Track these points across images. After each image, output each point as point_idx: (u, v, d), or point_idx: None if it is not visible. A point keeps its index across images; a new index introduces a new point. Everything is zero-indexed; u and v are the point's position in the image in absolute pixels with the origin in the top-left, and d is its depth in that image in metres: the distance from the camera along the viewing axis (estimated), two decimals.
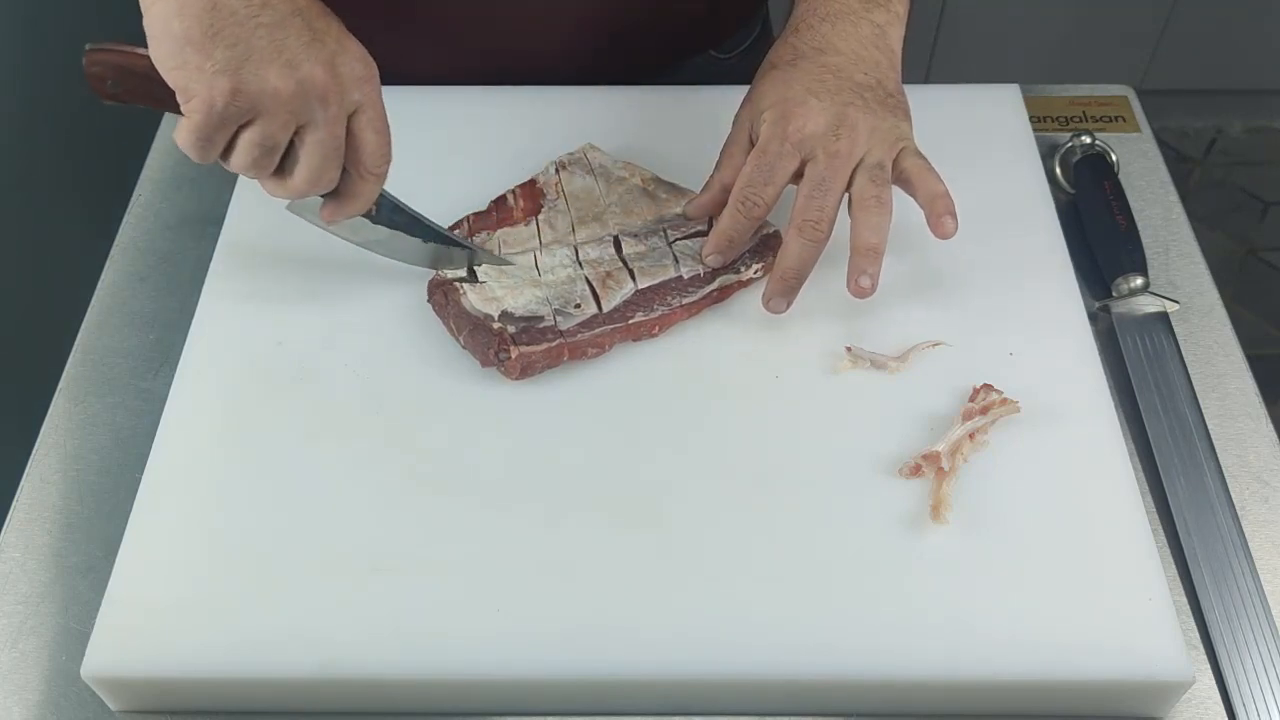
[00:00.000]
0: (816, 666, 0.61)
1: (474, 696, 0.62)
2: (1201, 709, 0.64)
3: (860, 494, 0.67)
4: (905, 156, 0.71)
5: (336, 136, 0.64)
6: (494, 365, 0.71)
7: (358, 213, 0.70)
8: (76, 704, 0.64)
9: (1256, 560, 0.68)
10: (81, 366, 0.79)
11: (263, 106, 0.61)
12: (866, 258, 0.70)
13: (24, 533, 0.71)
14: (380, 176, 0.68)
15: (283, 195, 0.67)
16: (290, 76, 0.61)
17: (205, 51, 0.60)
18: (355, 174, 0.67)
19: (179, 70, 0.61)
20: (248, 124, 0.63)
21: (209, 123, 0.62)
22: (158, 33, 0.61)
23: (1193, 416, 0.74)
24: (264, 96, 0.61)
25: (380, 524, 0.66)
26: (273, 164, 0.65)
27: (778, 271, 0.71)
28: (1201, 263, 0.85)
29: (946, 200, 0.71)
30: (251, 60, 0.60)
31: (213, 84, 0.60)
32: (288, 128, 0.63)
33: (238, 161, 0.64)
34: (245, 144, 0.63)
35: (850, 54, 0.72)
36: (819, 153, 0.69)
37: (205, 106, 0.61)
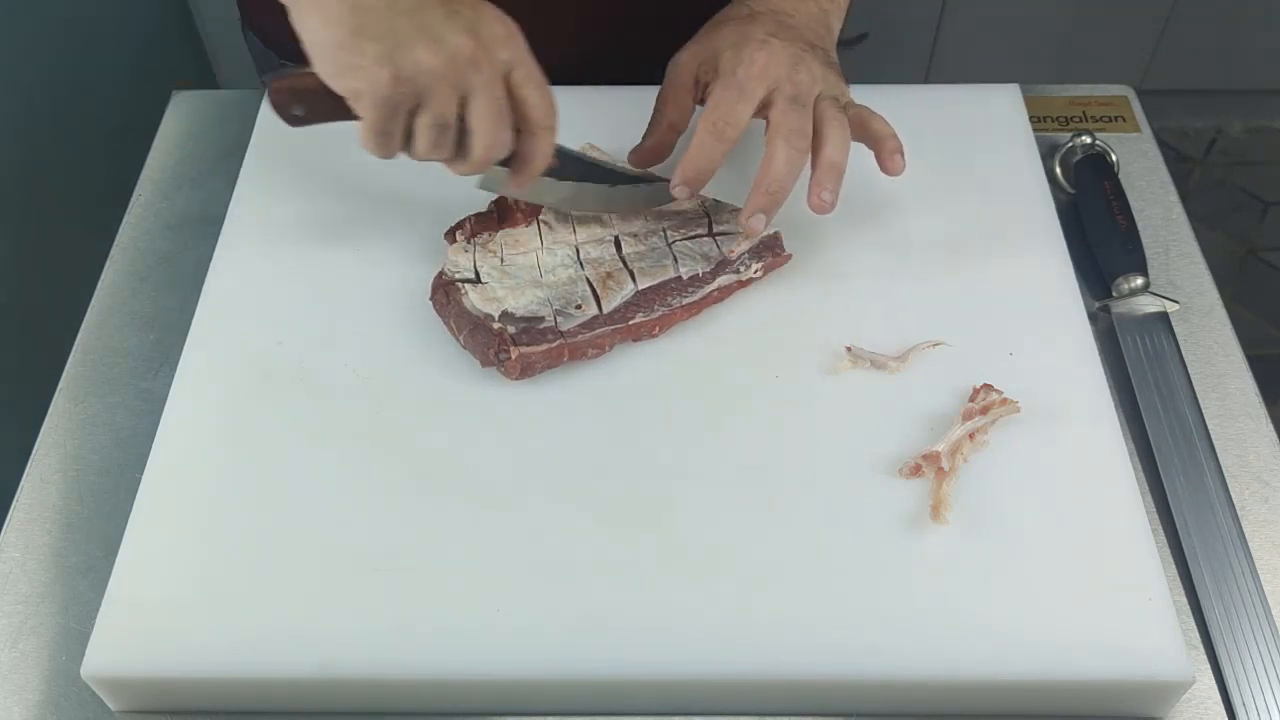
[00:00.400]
0: (816, 666, 0.61)
1: (474, 696, 0.62)
2: (1201, 709, 0.64)
3: (860, 494, 0.67)
4: (851, 105, 0.75)
5: (498, 98, 0.66)
6: (494, 365, 0.71)
7: (540, 171, 0.71)
8: (76, 704, 0.64)
9: (1256, 560, 0.68)
10: (81, 366, 0.79)
11: (423, 85, 0.64)
12: (830, 173, 0.71)
13: (24, 533, 0.71)
14: (551, 129, 0.69)
15: (469, 171, 0.70)
16: (439, 51, 0.64)
17: (358, 49, 0.63)
18: (526, 132, 0.69)
19: (341, 76, 0.65)
20: (418, 110, 0.66)
21: (381, 115, 0.65)
22: (315, 47, 0.65)
23: (1193, 416, 0.74)
24: (421, 76, 0.64)
25: (380, 524, 0.66)
26: (450, 142, 0.67)
27: (763, 183, 0.72)
28: (1201, 263, 0.85)
29: (896, 140, 0.74)
30: (401, 46, 0.63)
31: (373, 77, 0.64)
32: (452, 101, 0.65)
33: (420, 147, 0.67)
34: (421, 128, 0.66)
35: (802, 21, 0.78)
36: (784, 82, 0.72)
37: (373, 101, 0.64)
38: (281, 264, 0.78)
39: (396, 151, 0.68)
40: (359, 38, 0.63)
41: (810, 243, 0.79)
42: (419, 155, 0.68)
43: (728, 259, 0.75)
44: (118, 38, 1.54)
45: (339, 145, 0.85)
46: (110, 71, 1.50)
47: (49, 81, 1.35)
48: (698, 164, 0.73)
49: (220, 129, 0.93)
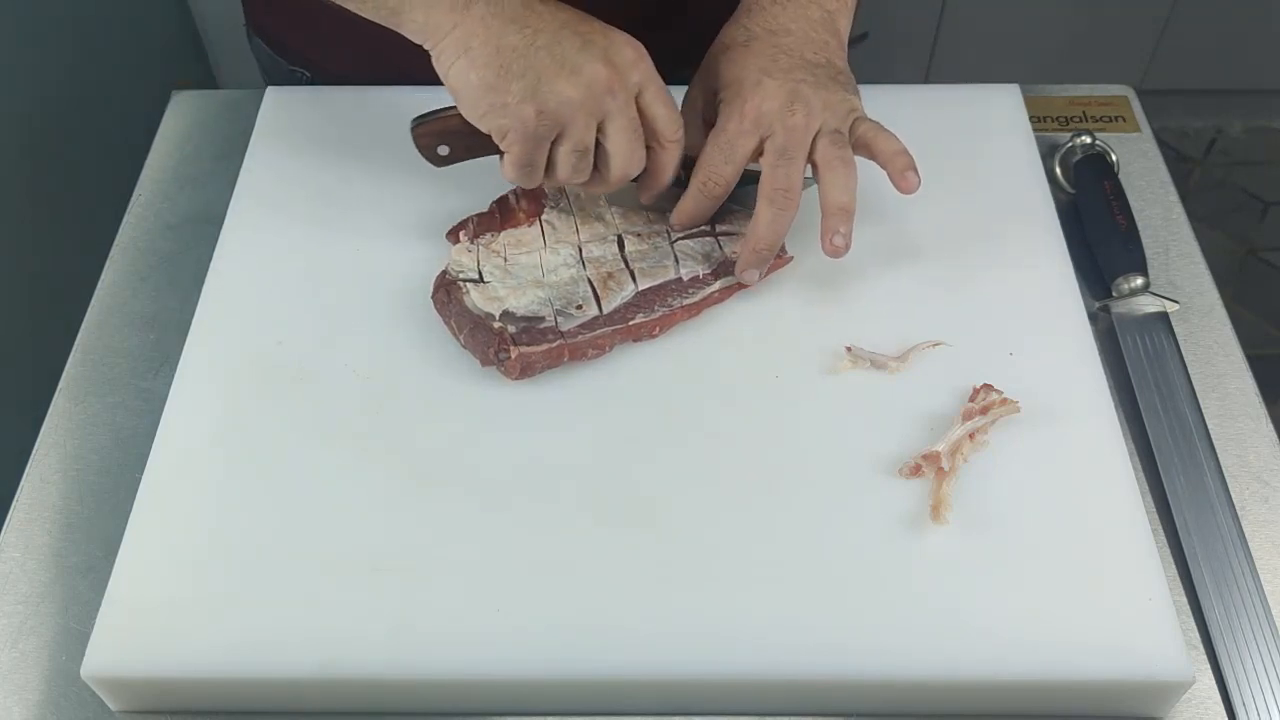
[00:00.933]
0: (816, 666, 0.61)
1: (474, 696, 0.62)
2: (1201, 709, 0.64)
3: (860, 494, 0.67)
4: (860, 123, 0.74)
5: (632, 119, 0.69)
6: (494, 365, 0.71)
7: (668, 183, 0.74)
8: (76, 704, 0.64)
9: (1256, 560, 0.68)
10: (81, 366, 0.79)
11: (565, 116, 0.68)
12: (838, 217, 0.72)
13: (24, 533, 0.71)
14: (679, 143, 0.72)
15: (603, 190, 0.74)
16: (579, 82, 0.67)
17: (503, 89, 0.67)
18: (656, 146, 0.72)
19: (489, 115, 0.68)
20: (559, 138, 0.69)
21: (526, 149, 0.69)
22: (461, 89, 0.68)
23: (1193, 416, 0.74)
24: (563, 108, 0.67)
25: (380, 524, 0.66)
26: (589, 166, 0.71)
27: (750, 242, 0.73)
28: (1201, 263, 0.85)
29: (906, 156, 0.73)
30: (543, 81, 0.67)
31: (520, 114, 0.67)
32: (590, 128, 0.69)
33: (561, 174, 0.71)
34: (563, 155, 0.70)
35: (801, 35, 0.76)
36: (777, 128, 0.72)
37: (520, 137, 0.68)
38: (281, 264, 0.78)
39: (540, 180, 0.71)
40: (504, 78, 0.66)
41: (810, 243, 0.78)
42: (560, 181, 0.72)
43: (729, 259, 0.75)
44: (118, 38, 1.54)
45: (340, 145, 0.85)
46: (110, 72, 1.50)
47: (49, 82, 1.35)
48: (689, 215, 0.76)
49: (220, 129, 0.93)
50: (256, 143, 0.86)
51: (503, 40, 0.66)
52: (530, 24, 0.67)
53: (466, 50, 0.67)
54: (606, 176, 0.71)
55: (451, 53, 0.67)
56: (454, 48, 0.67)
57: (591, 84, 0.67)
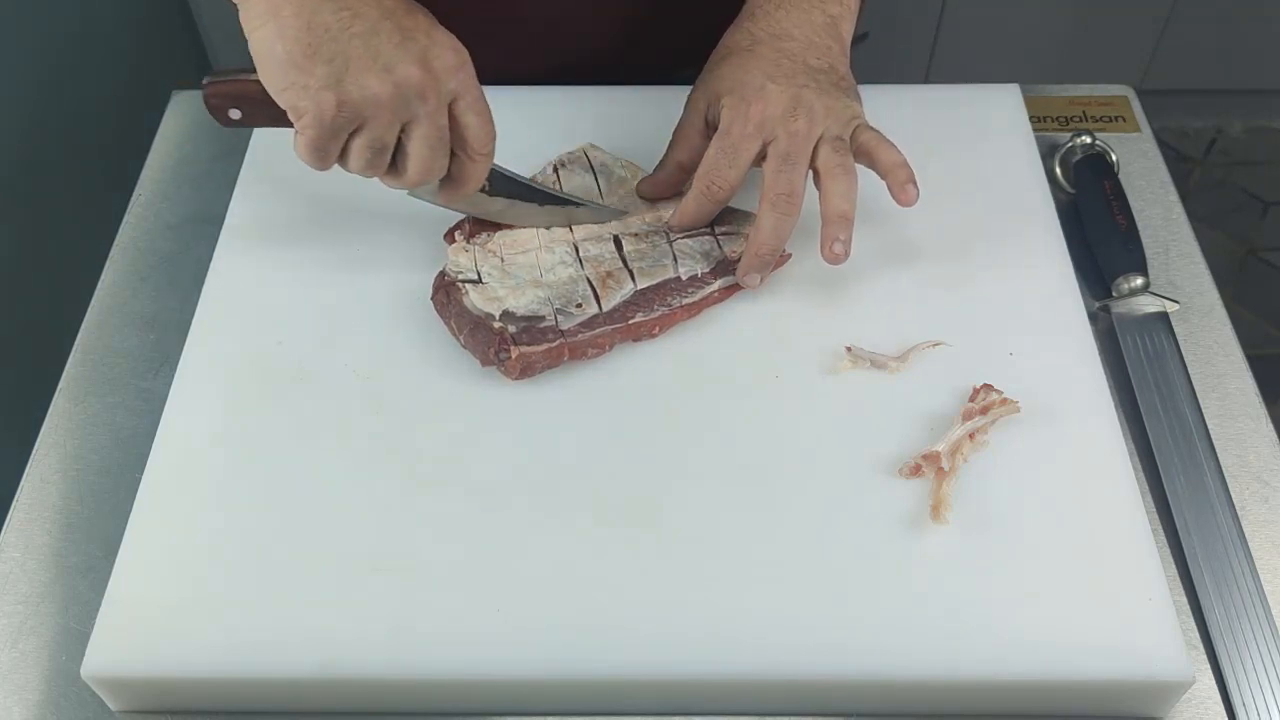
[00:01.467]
0: (816, 666, 0.61)
1: (474, 696, 0.62)
2: (1201, 709, 0.64)
3: (860, 494, 0.67)
4: (861, 131, 0.74)
5: (440, 127, 0.67)
6: (494, 365, 0.71)
7: (472, 192, 0.73)
8: (76, 704, 0.64)
9: (1256, 560, 0.68)
10: (81, 366, 0.79)
11: (367, 112, 0.65)
12: (838, 225, 0.71)
13: (24, 533, 0.71)
14: (487, 156, 0.71)
15: (400, 187, 0.71)
16: (388, 80, 0.64)
17: (308, 70, 0.63)
18: (464, 157, 0.70)
19: (287, 91, 0.64)
20: (357, 130, 0.66)
21: (321, 135, 0.65)
22: (263, 57, 0.64)
23: (1193, 416, 0.74)
24: (366, 104, 0.64)
25: (380, 524, 0.66)
26: (385, 162, 0.68)
27: (752, 247, 0.73)
28: (1201, 263, 0.85)
29: (907, 169, 0.73)
30: (350, 71, 0.63)
31: (319, 99, 0.64)
32: (393, 128, 0.66)
33: (353, 165, 0.68)
34: (357, 149, 0.67)
35: (804, 40, 0.76)
36: (780, 133, 0.72)
37: (315, 122, 0.64)
38: (281, 264, 0.78)
39: (331, 165, 0.68)
40: (311, 58, 0.63)
41: (810, 243, 0.79)
42: (351, 170, 0.68)
43: (729, 259, 0.76)
44: (118, 38, 1.54)
45: None
46: (110, 72, 1.50)
47: (49, 82, 1.35)
48: (692, 218, 0.76)
49: (220, 129, 0.93)
50: (256, 143, 0.86)
51: (316, 17, 0.63)
52: (350, 6, 0.63)
53: (276, 16, 0.63)
54: (402, 176, 0.69)
55: (260, 15, 0.63)
56: (263, 10, 0.63)
57: (401, 84, 0.64)
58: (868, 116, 0.75)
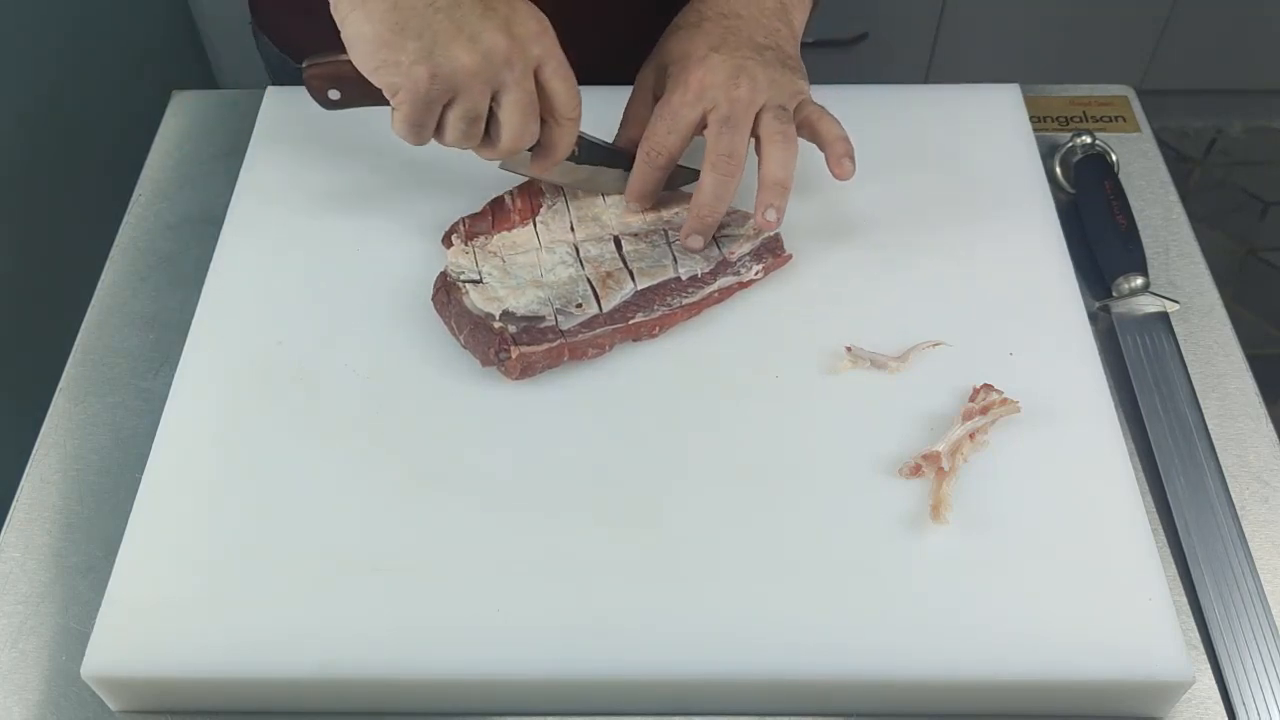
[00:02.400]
0: (816, 666, 0.61)
1: (474, 696, 0.62)
2: (1201, 709, 0.64)
3: (860, 494, 0.67)
4: (805, 105, 0.75)
5: (528, 92, 0.68)
6: (494, 365, 0.71)
7: (562, 158, 0.74)
8: (76, 704, 0.64)
9: (1256, 560, 0.68)
10: (81, 366, 0.79)
11: (459, 83, 0.66)
12: (774, 191, 0.72)
13: (24, 533, 0.71)
14: (575, 121, 0.72)
15: (493, 157, 0.73)
16: (475, 50, 0.65)
17: (398, 47, 0.65)
18: (552, 122, 0.71)
19: (380, 70, 0.67)
20: (451, 102, 0.68)
21: (416, 110, 0.67)
22: (354, 40, 0.67)
23: (1193, 416, 0.74)
24: (458, 74, 0.66)
25: (380, 524, 0.66)
26: (479, 132, 0.70)
27: (694, 209, 0.74)
28: (1201, 263, 0.85)
29: (847, 143, 0.74)
30: (439, 44, 0.65)
31: (412, 74, 0.66)
32: (485, 96, 0.68)
33: (449, 137, 0.70)
34: (453, 120, 0.68)
35: (752, 20, 0.77)
36: (720, 99, 0.73)
37: (410, 97, 0.67)
38: (281, 264, 0.78)
39: (429, 139, 0.70)
40: (399, 35, 0.65)
41: (810, 243, 0.79)
42: (448, 143, 0.70)
43: (728, 260, 0.76)
44: (118, 38, 1.54)
45: (340, 145, 0.85)
46: (111, 72, 1.50)
47: (50, 82, 1.35)
48: (638, 188, 0.77)
49: (220, 129, 0.93)
50: (256, 143, 0.86)
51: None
52: None
53: (363, 2, 0.65)
54: (497, 145, 0.71)
55: (349, 2, 0.66)
56: None
57: (489, 53, 0.66)
58: (867, 116, 0.75)
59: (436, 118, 0.68)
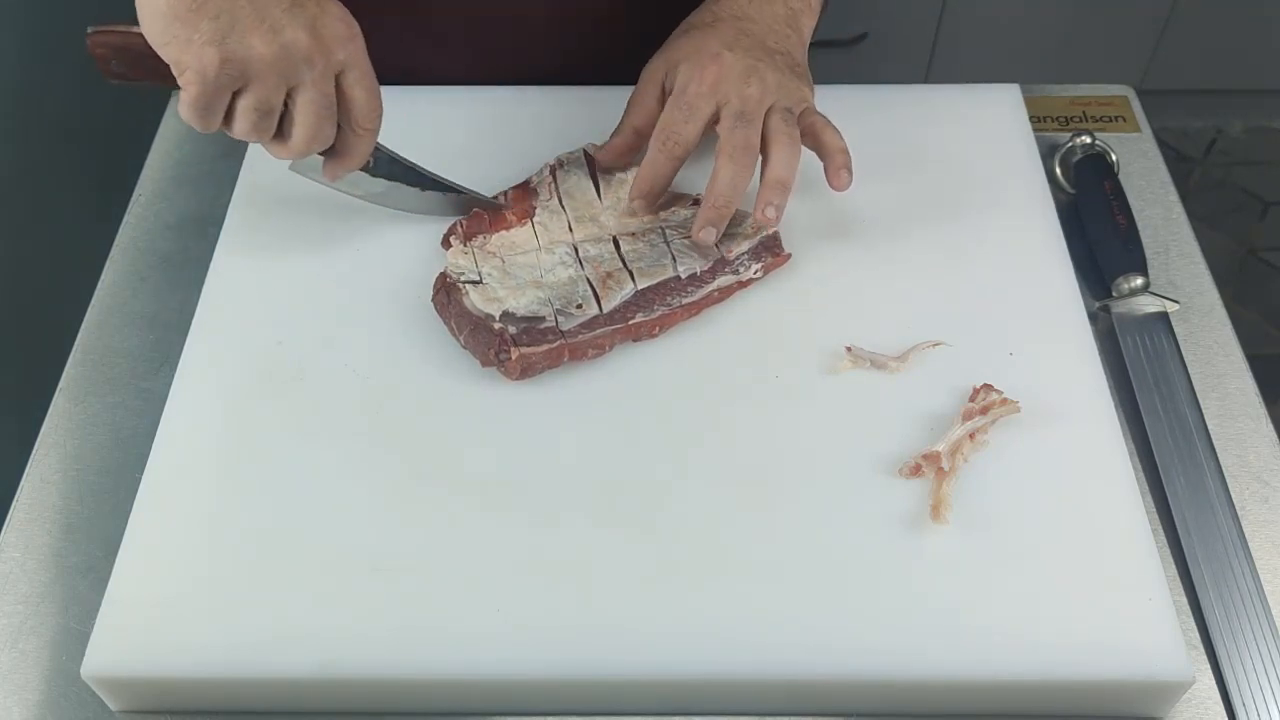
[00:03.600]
0: (816, 666, 0.61)
1: (474, 696, 0.62)
2: (1201, 709, 0.64)
3: (860, 494, 0.67)
4: (809, 114, 0.76)
5: (326, 95, 0.67)
6: (494, 365, 0.71)
7: (355, 167, 0.73)
8: (76, 704, 0.64)
9: (1256, 560, 0.68)
10: (81, 366, 0.79)
11: (251, 72, 0.65)
12: (775, 190, 0.73)
13: (24, 533, 0.71)
14: (372, 131, 0.71)
15: (285, 156, 0.71)
16: (274, 41, 0.64)
17: (192, 25, 0.63)
18: (349, 130, 0.71)
19: (170, 45, 0.64)
20: (242, 91, 0.66)
21: (204, 93, 0.65)
22: (148, 11, 0.64)
23: (1193, 416, 0.74)
24: (251, 63, 0.64)
25: (380, 524, 0.66)
26: (271, 127, 0.68)
27: (709, 199, 0.74)
28: (1201, 263, 0.85)
29: (846, 155, 0.75)
30: (236, 29, 0.64)
31: (202, 55, 0.64)
32: (279, 90, 0.66)
33: (239, 127, 0.68)
34: (242, 110, 0.67)
35: (764, 25, 0.78)
36: (733, 95, 0.74)
37: (198, 78, 0.64)
38: (282, 264, 0.78)
39: (216, 127, 0.68)
40: (196, 13, 0.63)
41: (810, 243, 0.79)
42: (237, 134, 0.69)
43: (726, 258, 0.76)
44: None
45: None
46: None
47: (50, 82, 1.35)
48: (649, 178, 0.76)
49: None
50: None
51: None
52: None
53: None
54: (288, 144, 0.69)
55: None
56: None
57: (288, 47, 0.65)
58: (867, 116, 0.76)
59: (225, 104, 0.66)
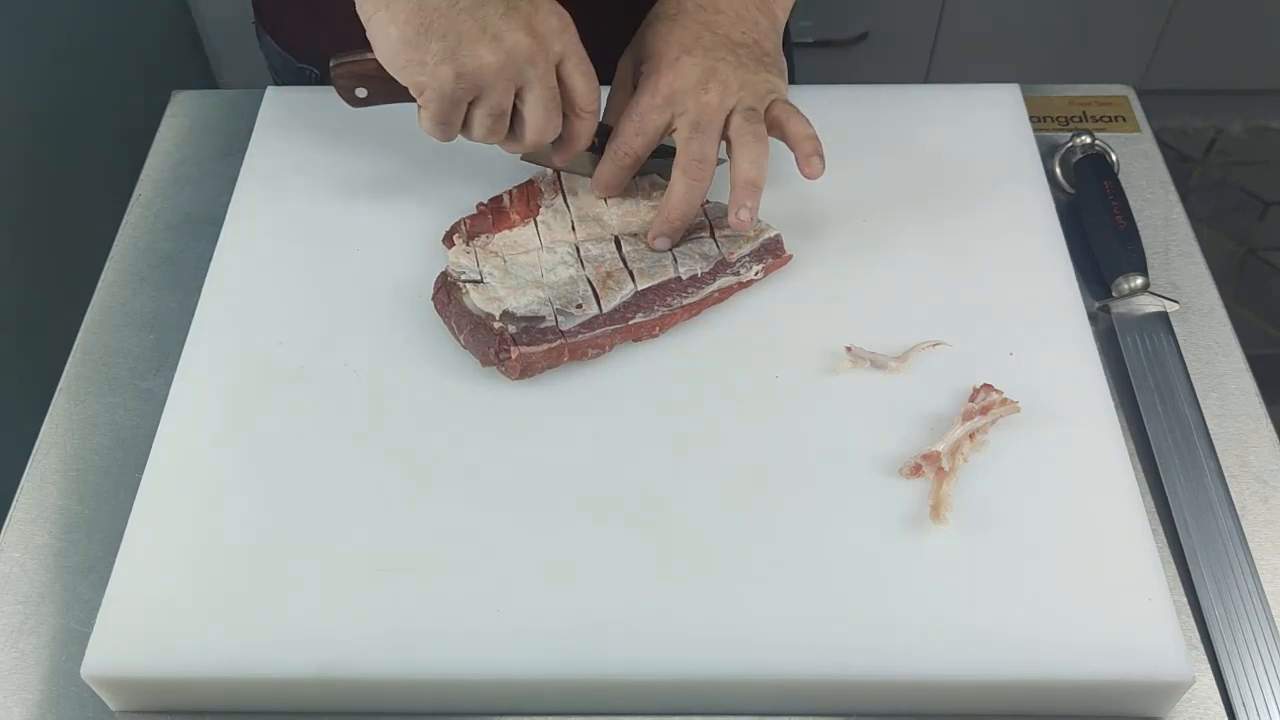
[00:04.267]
0: (816, 666, 0.61)
1: (474, 696, 0.62)
2: (1201, 709, 0.64)
3: (860, 494, 0.67)
4: (776, 105, 0.75)
5: (551, 88, 0.70)
6: (494, 365, 0.71)
7: (582, 149, 0.75)
8: (76, 704, 0.64)
9: (1256, 560, 0.68)
10: (81, 366, 0.79)
11: (483, 81, 0.68)
12: (746, 191, 0.73)
13: (24, 533, 0.71)
14: (595, 113, 0.73)
15: (517, 151, 0.74)
16: (499, 49, 0.67)
17: (423, 47, 0.67)
18: (572, 115, 0.73)
19: (406, 69, 0.68)
20: (476, 99, 0.69)
21: (443, 108, 0.69)
22: (380, 40, 0.68)
23: (1193, 416, 0.74)
24: (482, 73, 0.67)
25: (380, 524, 0.66)
26: (504, 128, 0.72)
27: (663, 211, 0.75)
28: (1201, 263, 0.85)
29: (815, 142, 0.74)
30: (463, 44, 0.67)
31: (437, 74, 0.67)
32: (509, 93, 0.69)
33: (477, 133, 0.72)
34: (478, 117, 0.70)
35: (731, 13, 0.77)
36: (690, 104, 0.73)
37: (436, 96, 0.68)
38: (281, 264, 0.78)
39: (455, 137, 0.72)
40: (425, 35, 0.66)
41: (810, 243, 0.79)
42: (475, 139, 0.72)
43: (727, 260, 0.75)
44: (118, 38, 1.54)
45: (339, 145, 0.85)
46: (110, 72, 1.50)
47: (50, 82, 1.35)
48: (603, 183, 0.78)
49: (220, 129, 0.93)
50: (256, 142, 0.86)
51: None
52: None
53: (389, 3, 0.67)
54: (521, 140, 0.72)
55: (374, 2, 0.68)
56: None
57: (512, 52, 0.67)
58: (867, 116, 0.75)
59: (462, 115, 0.70)
